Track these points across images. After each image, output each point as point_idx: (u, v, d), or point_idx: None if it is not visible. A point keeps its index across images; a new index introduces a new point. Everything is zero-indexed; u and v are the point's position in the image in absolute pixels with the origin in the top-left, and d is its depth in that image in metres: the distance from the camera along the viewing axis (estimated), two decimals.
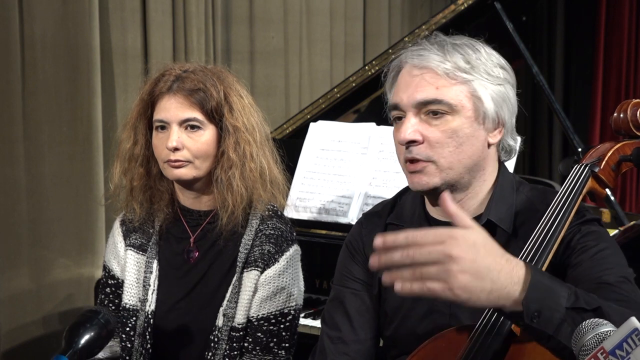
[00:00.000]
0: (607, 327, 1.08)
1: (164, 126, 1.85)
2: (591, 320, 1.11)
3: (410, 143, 1.48)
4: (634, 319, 0.96)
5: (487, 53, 1.52)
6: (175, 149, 1.82)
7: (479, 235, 1.18)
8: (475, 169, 1.52)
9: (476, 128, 1.49)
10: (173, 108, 1.83)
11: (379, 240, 1.18)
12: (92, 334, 1.45)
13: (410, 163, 1.50)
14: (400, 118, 1.52)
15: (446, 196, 1.21)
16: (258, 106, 1.97)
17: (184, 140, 1.83)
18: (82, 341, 1.44)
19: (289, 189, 2.00)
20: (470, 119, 1.48)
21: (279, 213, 1.97)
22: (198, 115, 1.84)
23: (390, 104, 1.54)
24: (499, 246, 1.21)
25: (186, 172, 1.85)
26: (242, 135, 1.86)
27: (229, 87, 1.89)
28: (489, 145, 1.53)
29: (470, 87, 1.48)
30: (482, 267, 1.15)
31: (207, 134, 1.86)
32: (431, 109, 1.47)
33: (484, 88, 1.48)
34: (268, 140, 1.96)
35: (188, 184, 1.90)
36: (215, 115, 1.85)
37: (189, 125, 1.84)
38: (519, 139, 1.60)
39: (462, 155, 1.48)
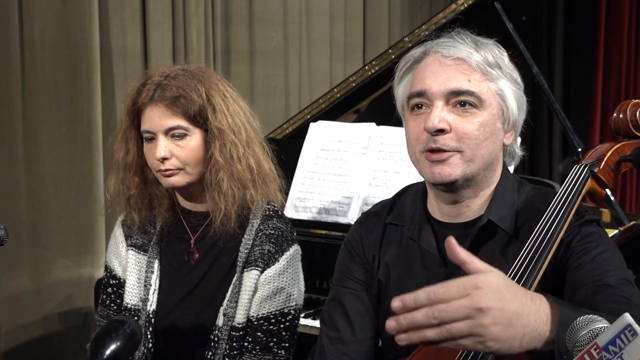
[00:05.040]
0: (600, 323, 1.09)
1: (151, 136, 1.85)
2: (585, 316, 1.11)
3: (438, 132, 1.46)
4: (627, 315, 0.96)
5: (508, 57, 1.54)
6: (164, 159, 1.82)
7: (499, 278, 1.12)
8: (489, 167, 1.52)
9: (498, 127, 1.50)
10: (156, 118, 1.82)
11: (396, 303, 1.09)
12: (117, 344, 1.44)
13: (431, 152, 1.48)
14: (420, 106, 1.50)
15: (452, 242, 1.15)
16: (257, 106, 1.96)
17: (172, 149, 1.83)
18: (108, 352, 1.43)
19: (284, 184, 2.00)
20: (495, 116, 1.49)
21: (280, 213, 1.97)
22: (182, 122, 1.82)
23: (413, 91, 1.50)
24: (518, 285, 1.17)
25: (179, 180, 1.85)
26: (228, 136, 1.85)
27: (211, 87, 1.86)
28: (503, 145, 1.54)
29: (498, 86, 1.49)
30: (511, 314, 1.10)
31: (194, 140, 1.85)
32: (461, 100, 1.46)
33: (509, 89, 1.50)
34: (257, 135, 1.94)
35: (184, 190, 1.90)
36: (199, 119, 1.84)
37: (175, 133, 1.83)
38: (519, 145, 1.62)
39: (484, 149, 1.48)
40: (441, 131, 1.45)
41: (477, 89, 1.47)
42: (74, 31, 3.09)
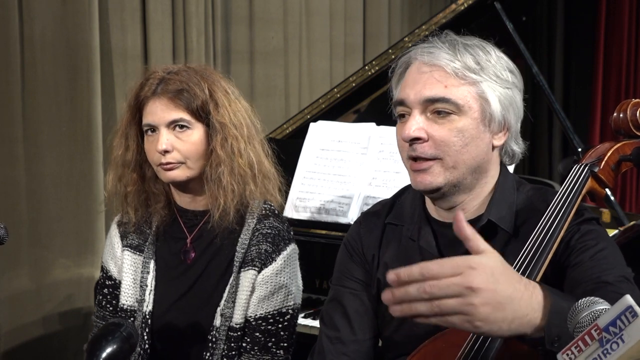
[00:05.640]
0: (602, 305, 1.09)
1: (153, 129, 1.85)
2: (586, 298, 1.11)
3: (415, 140, 1.47)
4: (628, 297, 0.97)
5: (497, 56, 1.52)
6: (166, 152, 1.82)
7: (495, 262, 1.14)
8: (478, 170, 1.51)
9: (482, 130, 1.49)
10: (159, 111, 1.83)
11: (392, 276, 1.13)
12: (114, 347, 1.44)
13: (413, 161, 1.49)
14: (404, 115, 1.51)
15: (460, 217, 1.17)
16: (257, 106, 1.97)
17: (174, 142, 1.83)
18: (104, 354, 1.43)
19: (283, 183, 2.00)
20: (477, 120, 1.48)
21: (276, 212, 1.97)
22: (184, 115, 1.84)
23: (397, 99, 1.52)
24: (514, 270, 1.18)
25: (179, 174, 1.85)
26: (230, 131, 1.86)
27: (213, 84, 1.88)
28: (493, 147, 1.53)
29: (479, 89, 1.47)
30: (503, 297, 1.11)
31: (196, 134, 1.86)
32: (438, 108, 1.46)
33: (491, 90, 1.48)
34: (258, 134, 1.95)
35: (183, 185, 1.90)
36: (201, 114, 1.85)
37: (177, 126, 1.84)
38: (522, 144, 1.59)
39: (466, 155, 1.48)
40: (418, 139, 1.46)
41: (453, 95, 1.45)
42: (74, 31, 3.09)
